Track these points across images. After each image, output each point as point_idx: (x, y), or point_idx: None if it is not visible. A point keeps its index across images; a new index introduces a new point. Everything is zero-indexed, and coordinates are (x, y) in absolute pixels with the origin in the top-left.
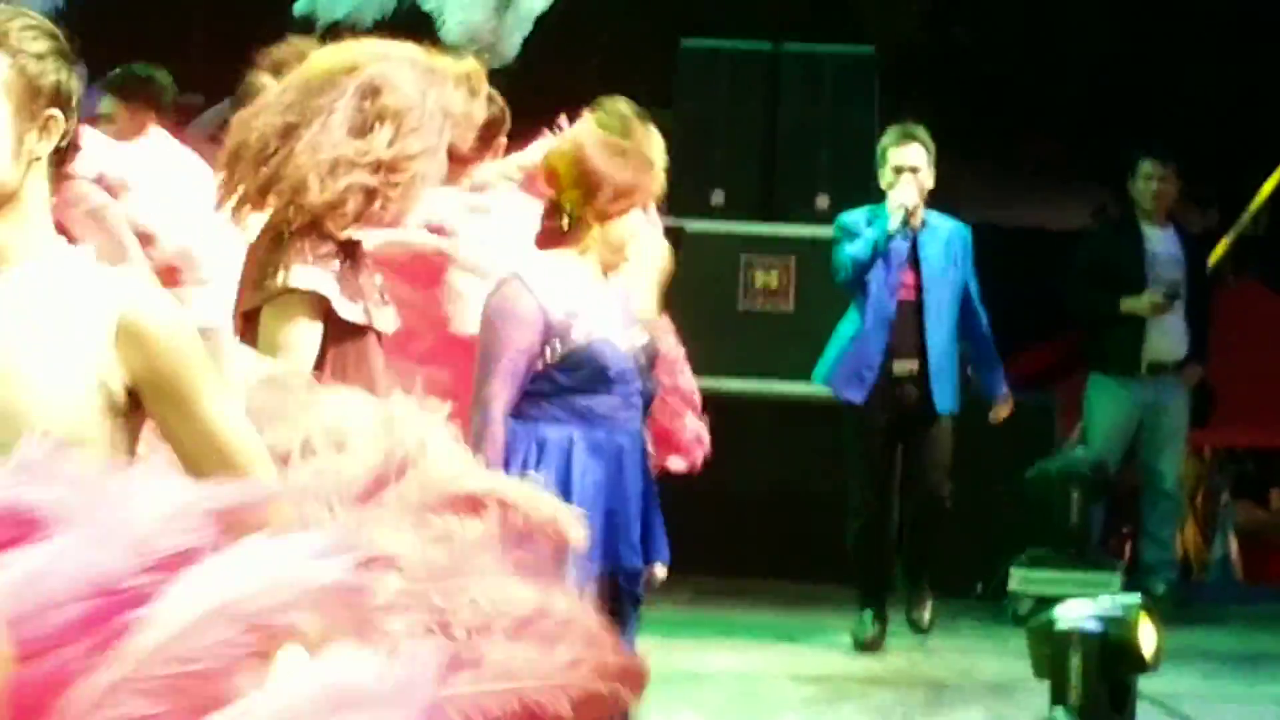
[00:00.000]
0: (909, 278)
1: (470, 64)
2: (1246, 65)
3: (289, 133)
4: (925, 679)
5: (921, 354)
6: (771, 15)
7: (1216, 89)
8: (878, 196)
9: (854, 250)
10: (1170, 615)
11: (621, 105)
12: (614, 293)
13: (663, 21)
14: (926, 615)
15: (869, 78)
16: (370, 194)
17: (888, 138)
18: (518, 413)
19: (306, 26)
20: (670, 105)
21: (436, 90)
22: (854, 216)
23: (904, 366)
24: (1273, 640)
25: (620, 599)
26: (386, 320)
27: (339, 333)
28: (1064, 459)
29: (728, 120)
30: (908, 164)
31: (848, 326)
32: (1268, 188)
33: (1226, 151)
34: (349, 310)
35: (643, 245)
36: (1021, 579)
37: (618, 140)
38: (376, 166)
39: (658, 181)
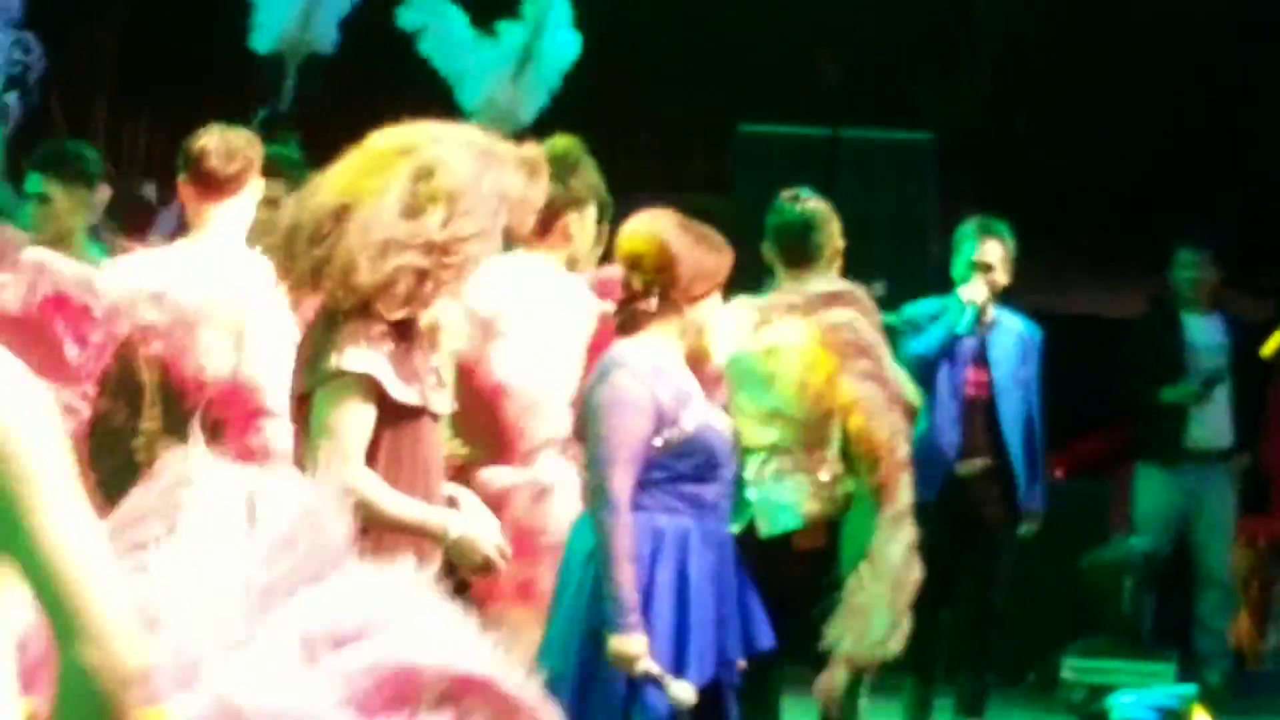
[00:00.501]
0: (977, 375)
1: (533, 149)
2: None
3: (342, 214)
4: None
5: (996, 453)
6: (829, 101)
7: (1277, 176)
8: (934, 283)
9: (919, 346)
10: (1224, 706)
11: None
12: (693, 377)
13: (720, 106)
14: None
15: (927, 164)
16: (422, 275)
17: (967, 228)
18: (631, 503)
19: (276, 68)
20: (727, 191)
21: (494, 173)
22: (919, 310)
23: (972, 466)
24: None
25: (722, 692)
26: (442, 402)
27: (393, 415)
28: (1116, 547)
29: None
30: (984, 260)
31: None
32: None
33: None
34: (403, 392)
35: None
36: (1074, 668)
37: (695, 224)
38: (429, 248)
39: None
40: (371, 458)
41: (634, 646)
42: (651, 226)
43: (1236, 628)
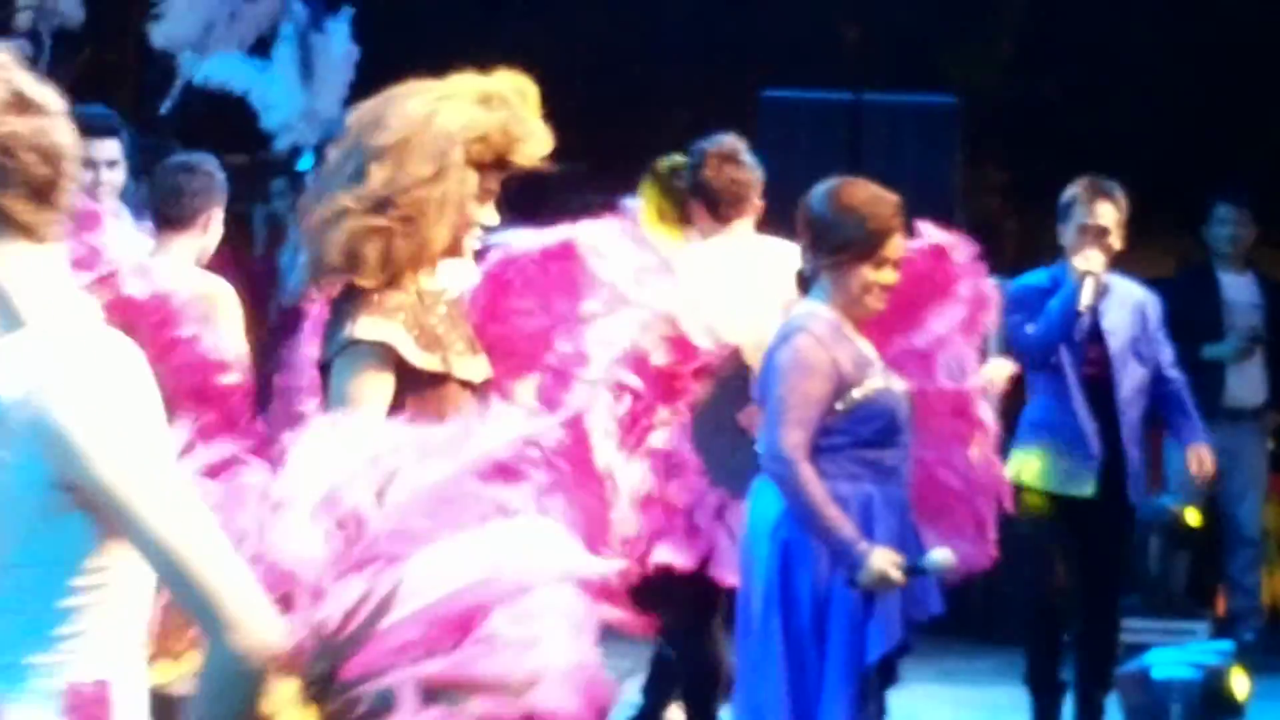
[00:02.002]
0: (1092, 352)
1: (491, 80)
2: None
3: (316, 198)
4: None
5: (1111, 438)
6: (853, 66)
7: None
8: None
9: (1039, 332)
10: (1259, 663)
11: None
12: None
13: (744, 73)
14: None
15: (951, 128)
16: (384, 235)
17: (1076, 189)
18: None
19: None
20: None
21: (442, 115)
22: (1028, 285)
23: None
24: None
25: (892, 653)
26: (473, 369)
27: (415, 383)
28: (1144, 507)
29: (809, 171)
30: (1097, 224)
31: (1034, 412)
32: None
33: None
34: (422, 359)
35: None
36: None
37: (858, 184)
38: (377, 205)
39: (900, 229)
40: None
41: (880, 563)
42: (830, 188)
43: (1270, 585)
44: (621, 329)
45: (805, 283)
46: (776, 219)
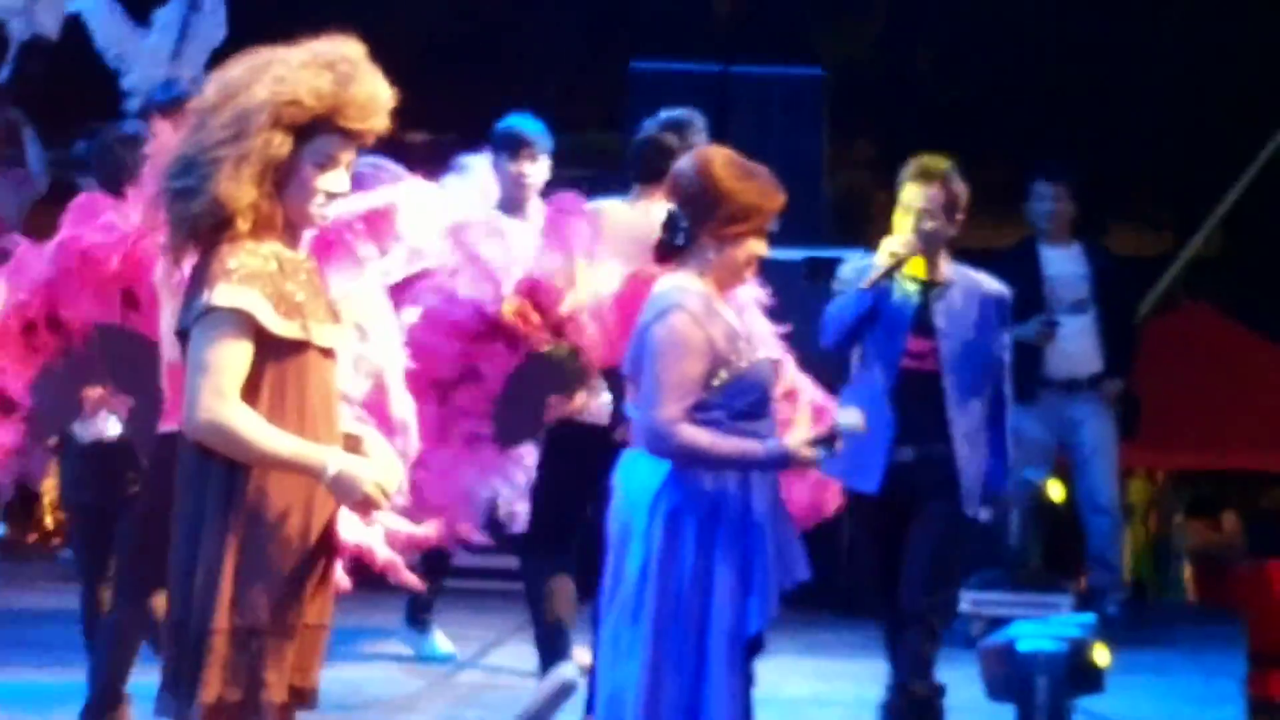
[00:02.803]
0: (917, 345)
1: (333, 46)
2: (1203, 88)
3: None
4: (877, 700)
5: (942, 437)
6: (723, 38)
7: (1173, 111)
8: (826, 221)
9: (835, 309)
10: (1122, 637)
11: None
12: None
13: (612, 44)
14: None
15: (818, 100)
16: (182, 195)
17: (907, 168)
18: None
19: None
20: (620, 128)
21: (261, 79)
22: (854, 266)
23: (911, 452)
24: (1224, 661)
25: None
26: (332, 336)
27: (274, 350)
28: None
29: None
30: (915, 205)
31: (843, 399)
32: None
33: (1182, 174)
34: (281, 326)
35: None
36: (973, 601)
37: (747, 161)
38: (183, 168)
39: (778, 207)
40: (255, 394)
41: (800, 452)
42: (700, 157)
43: (1135, 559)
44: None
45: (668, 251)
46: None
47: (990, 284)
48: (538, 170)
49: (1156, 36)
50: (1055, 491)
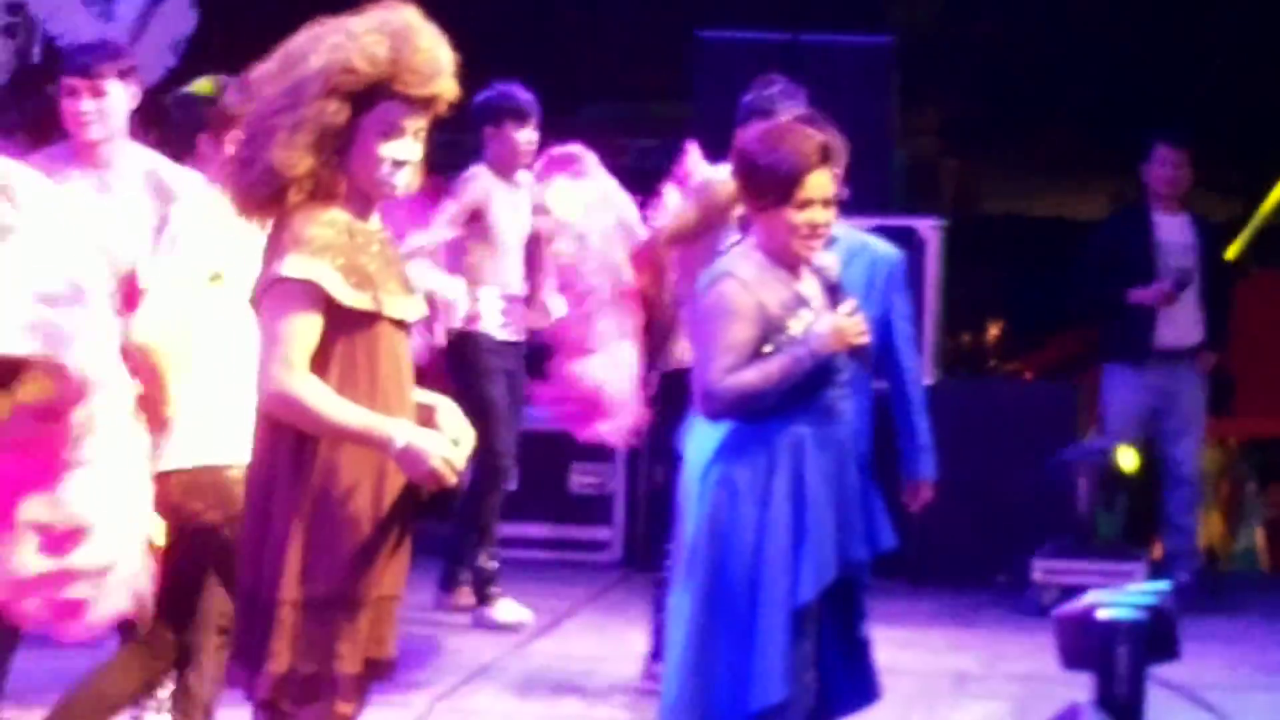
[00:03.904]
0: None
1: (394, 14)
2: (1272, 53)
3: None
4: (950, 670)
5: None
6: (789, 5)
7: (1241, 77)
8: (896, 189)
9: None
10: (1194, 604)
11: None
12: (797, 278)
13: (680, 13)
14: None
15: (888, 68)
16: (244, 164)
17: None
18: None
19: None
20: (688, 97)
21: (320, 47)
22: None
23: None
24: None
25: (853, 589)
26: (405, 308)
27: (345, 322)
28: (1075, 448)
29: None
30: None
31: None
32: None
33: (1250, 140)
34: (352, 298)
35: None
36: (1044, 570)
37: (787, 130)
38: (243, 140)
39: (823, 168)
40: (325, 365)
41: (831, 325)
42: (744, 136)
43: (1208, 528)
44: None
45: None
46: (715, 158)
47: (882, 247)
48: (534, 138)
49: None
50: (1127, 460)
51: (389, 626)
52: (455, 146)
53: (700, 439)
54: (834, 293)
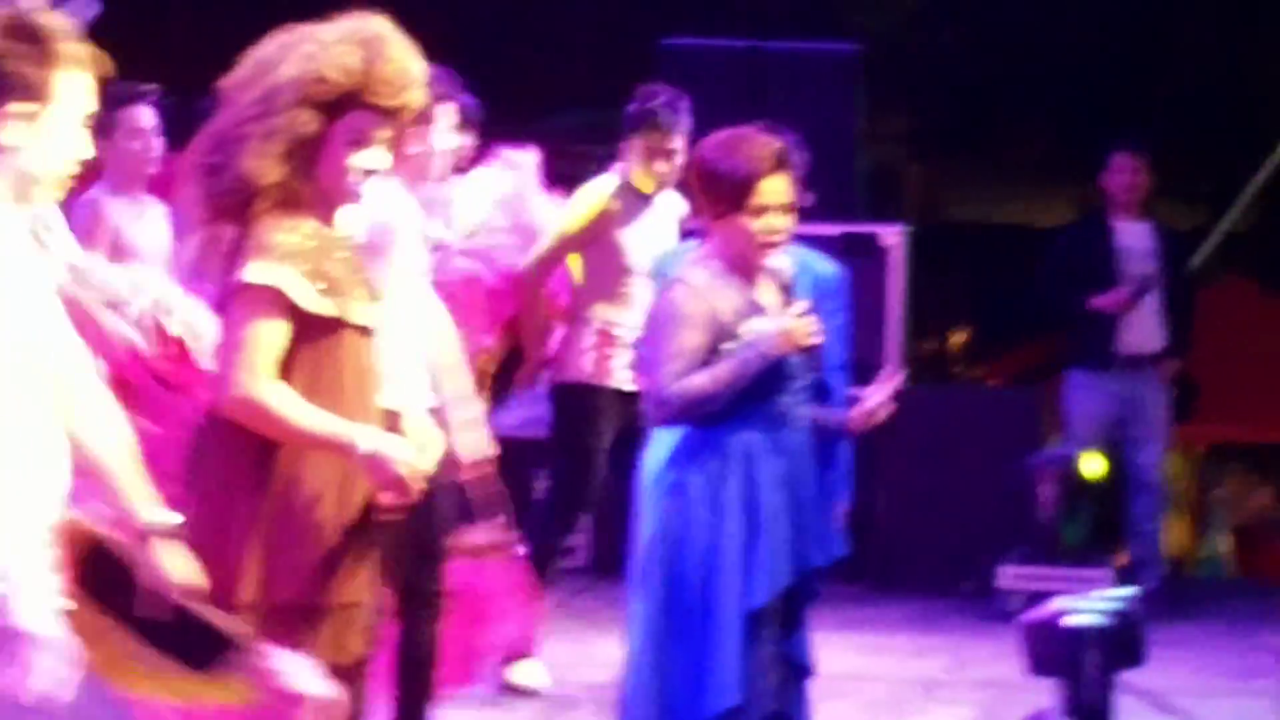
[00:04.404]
0: None
1: (367, 24)
2: (1236, 61)
3: None
4: (917, 675)
5: None
6: (754, 12)
7: (1206, 85)
8: (860, 196)
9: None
10: (1160, 610)
11: None
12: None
13: (644, 21)
14: None
15: (852, 76)
16: (212, 170)
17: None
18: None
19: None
20: None
21: (291, 56)
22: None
23: None
24: (1264, 634)
25: (798, 597)
26: (369, 314)
27: (310, 328)
28: (1040, 455)
29: (709, 119)
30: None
31: None
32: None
33: (1215, 147)
34: (316, 304)
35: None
36: (1010, 576)
37: (741, 137)
38: (214, 145)
39: (778, 174)
40: (289, 371)
41: (779, 325)
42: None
43: (1174, 534)
44: None
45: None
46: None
47: (822, 265)
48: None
49: (1190, 9)
50: (1092, 466)
51: (353, 633)
52: None
53: (655, 444)
54: (786, 293)
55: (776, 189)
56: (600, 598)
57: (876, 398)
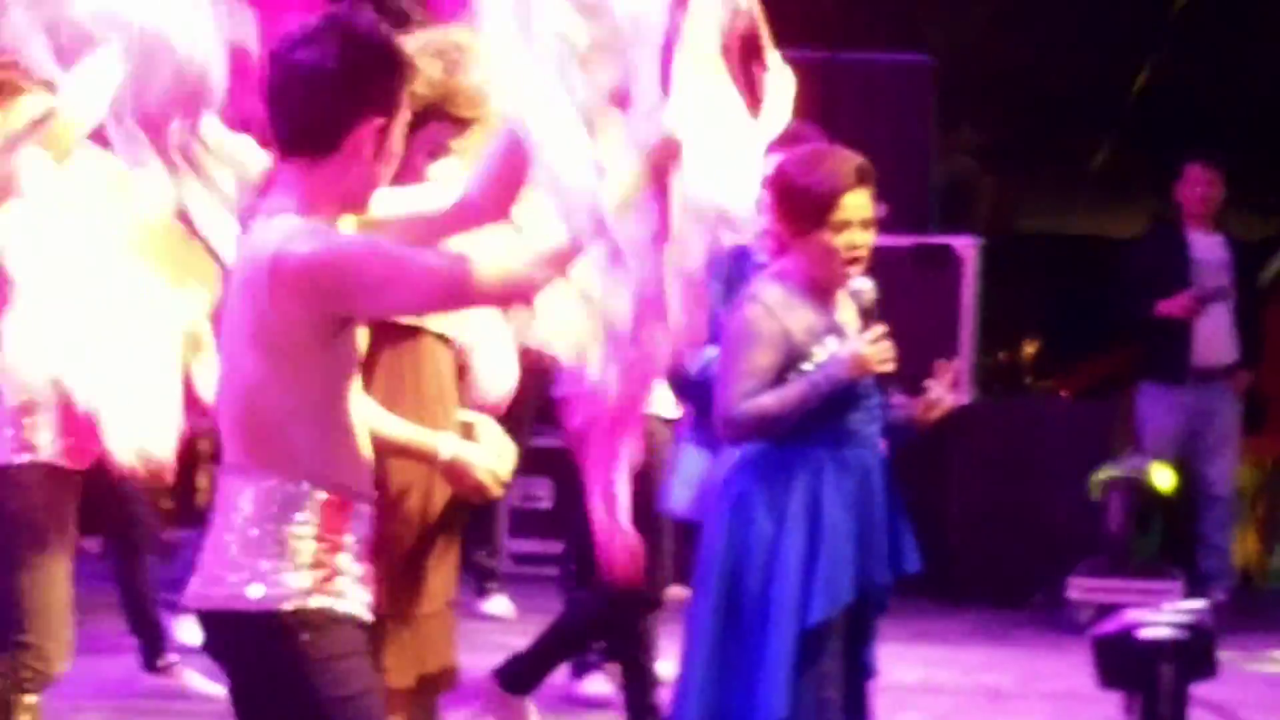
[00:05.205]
0: None
1: (447, 37)
2: None
3: None
4: (986, 687)
5: None
6: (828, 23)
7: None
8: (934, 208)
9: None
10: (1231, 624)
11: None
12: (831, 304)
13: None
14: None
15: (926, 88)
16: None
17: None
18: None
19: None
20: None
21: None
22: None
23: None
24: None
25: (867, 612)
26: (448, 323)
27: (389, 336)
28: (1112, 467)
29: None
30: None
31: None
32: None
33: None
34: None
35: None
36: (1081, 588)
37: (823, 154)
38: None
39: (860, 189)
40: (369, 379)
41: (853, 350)
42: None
43: (1243, 546)
44: None
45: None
46: None
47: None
48: None
49: (1266, 21)
50: (1162, 479)
51: (434, 642)
52: None
53: (721, 457)
54: (866, 317)
55: (859, 204)
56: None
57: (938, 389)
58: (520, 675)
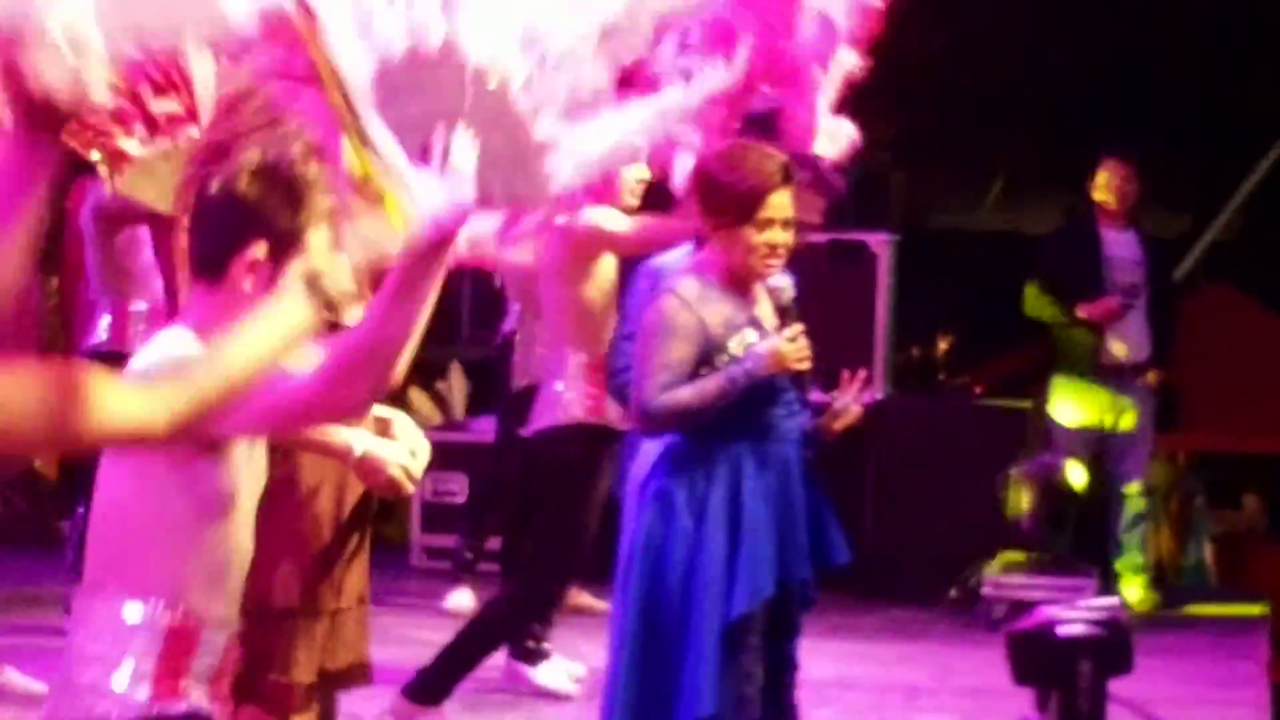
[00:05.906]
0: None
1: None
2: (1221, 69)
3: None
4: (901, 683)
5: None
6: None
7: (1191, 93)
8: (847, 204)
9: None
10: (1143, 619)
11: None
12: (749, 297)
13: None
14: None
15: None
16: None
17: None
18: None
19: None
20: None
21: None
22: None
23: None
24: (1246, 643)
25: (790, 606)
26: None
27: None
28: (1024, 464)
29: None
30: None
31: None
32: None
33: (1202, 156)
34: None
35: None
36: (995, 585)
37: (745, 150)
38: (209, 155)
39: (784, 188)
40: None
41: (772, 347)
42: (713, 153)
43: (1157, 543)
44: None
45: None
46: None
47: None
48: None
49: (1178, 17)
50: (1076, 476)
51: (344, 638)
52: None
53: (641, 452)
54: (784, 315)
55: (782, 203)
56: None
57: (844, 400)
58: (428, 687)
